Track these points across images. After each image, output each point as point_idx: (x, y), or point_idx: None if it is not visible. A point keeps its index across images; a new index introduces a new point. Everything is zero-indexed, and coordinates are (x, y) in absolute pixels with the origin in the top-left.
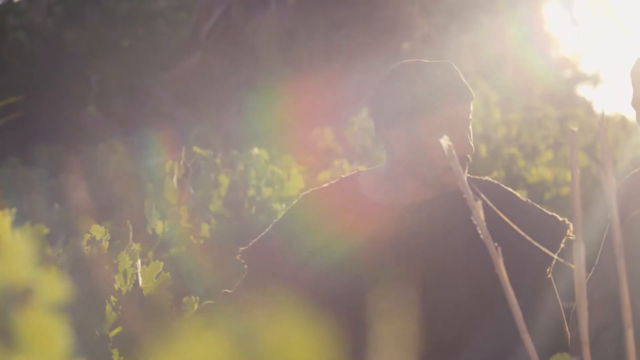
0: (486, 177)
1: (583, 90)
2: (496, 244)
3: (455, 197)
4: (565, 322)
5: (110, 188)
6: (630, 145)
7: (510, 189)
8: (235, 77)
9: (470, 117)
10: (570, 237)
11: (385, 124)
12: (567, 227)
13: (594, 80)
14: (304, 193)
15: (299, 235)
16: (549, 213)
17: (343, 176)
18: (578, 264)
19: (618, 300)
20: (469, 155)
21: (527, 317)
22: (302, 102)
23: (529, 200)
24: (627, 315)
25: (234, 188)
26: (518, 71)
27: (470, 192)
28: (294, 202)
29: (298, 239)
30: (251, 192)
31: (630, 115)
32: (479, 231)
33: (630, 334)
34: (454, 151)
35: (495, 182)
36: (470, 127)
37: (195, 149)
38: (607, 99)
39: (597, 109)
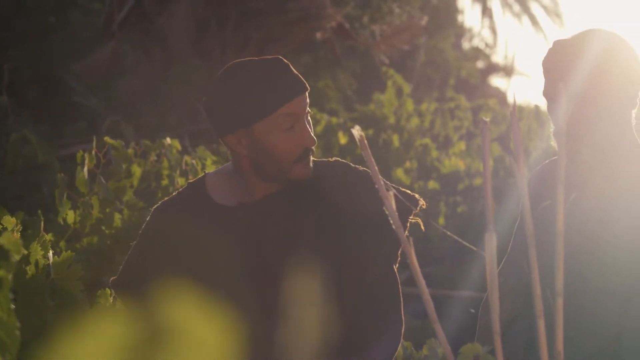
0: (335, 158)
1: (496, 81)
2: (345, 218)
3: (301, 185)
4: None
5: (22, 178)
6: (543, 136)
7: (361, 167)
8: (148, 68)
9: (308, 109)
10: (416, 216)
11: (224, 129)
12: (417, 203)
13: (507, 70)
14: (155, 207)
15: (159, 253)
16: (401, 189)
17: (190, 181)
18: (490, 254)
19: (528, 291)
20: (312, 148)
21: (372, 284)
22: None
23: (380, 177)
24: (539, 306)
25: (146, 178)
26: (431, 62)
27: (382, 183)
28: (147, 218)
29: (158, 256)
30: (164, 182)
31: (543, 105)
32: (391, 221)
33: (541, 325)
34: (365, 141)
35: (344, 161)
36: (309, 118)
37: (107, 139)
38: (520, 90)
39: (510, 99)
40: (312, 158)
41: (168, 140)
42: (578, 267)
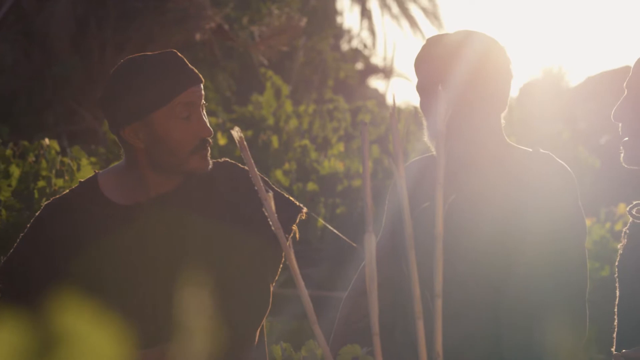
0: (224, 158)
1: (375, 83)
2: (233, 218)
3: (195, 184)
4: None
5: None
6: (421, 137)
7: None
8: (27, 68)
9: (203, 100)
10: (296, 224)
11: (120, 122)
12: (300, 210)
13: (386, 72)
14: (46, 202)
15: (48, 247)
16: (286, 195)
17: (81, 180)
18: (369, 255)
19: (392, 288)
20: (209, 138)
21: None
22: (94, 93)
23: (268, 180)
24: (418, 307)
25: (24, 179)
26: (309, 63)
27: (261, 185)
28: (37, 213)
29: (47, 250)
30: (41, 183)
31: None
32: (271, 223)
33: (420, 325)
34: (245, 143)
35: (232, 161)
36: (204, 110)
37: None
38: (399, 91)
39: (389, 101)
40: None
41: (46, 140)
42: (451, 260)
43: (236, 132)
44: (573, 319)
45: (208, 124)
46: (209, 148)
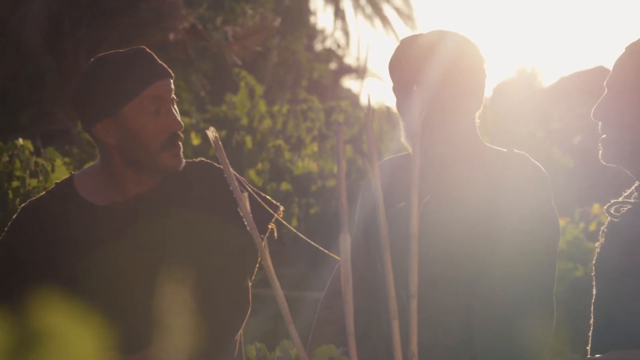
0: (200, 158)
1: (348, 83)
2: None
3: (172, 184)
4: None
5: None
6: (394, 137)
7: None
8: (1, 68)
9: (173, 95)
10: (272, 223)
11: (91, 119)
12: (277, 209)
13: (360, 72)
14: (22, 205)
15: (26, 249)
16: (262, 194)
17: (57, 181)
18: (344, 255)
19: (367, 289)
20: (180, 133)
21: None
22: (68, 93)
23: (243, 180)
24: (393, 307)
25: None
26: (283, 63)
27: (236, 185)
28: (14, 216)
29: (26, 253)
30: (15, 184)
31: (395, 106)
32: (246, 223)
33: (396, 325)
34: (220, 143)
35: (208, 161)
36: (175, 105)
37: None
38: (372, 91)
39: (363, 101)
40: (181, 148)
41: (20, 141)
42: (424, 262)
43: (211, 132)
44: (543, 319)
45: (178, 118)
46: (180, 145)
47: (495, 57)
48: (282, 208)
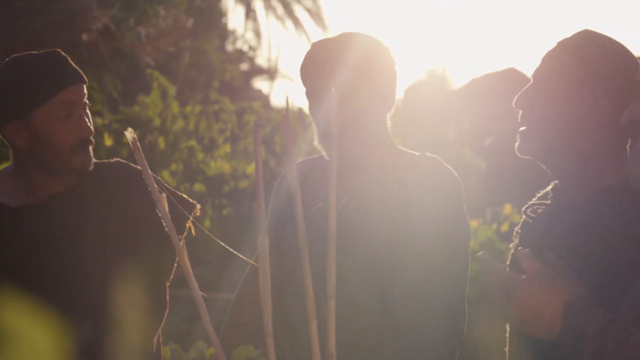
0: (116, 159)
1: (259, 84)
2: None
3: (84, 185)
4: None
5: None
6: (307, 139)
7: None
8: None
9: (86, 100)
10: (193, 219)
11: (1, 120)
12: (194, 208)
13: (271, 73)
14: None
15: None
16: (179, 194)
17: None
18: (262, 257)
19: (275, 290)
20: (91, 138)
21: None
22: None
23: (161, 180)
24: (311, 308)
25: None
26: (195, 64)
27: (154, 184)
28: None
29: None
30: None
31: (307, 107)
32: (164, 224)
33: (313, 326)
34: (138, 144)
35: (124, 161)
36: (87, 110)
37: None
38: (284, 93)
39: (274, 102)
40: (91, 149)
41: None
42: (339, 264)
43: (129, 133)
44: (453, 321)
45: (89, 124)
46: (90, 148)
47: (406, 58)
48: (199, 206)
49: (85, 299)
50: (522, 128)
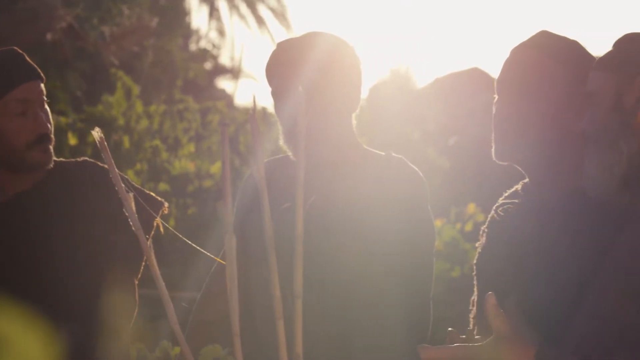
0: (83, 158)
1: (223, 83)
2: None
3: (59, 181)
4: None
5: None
6: (271, 138)
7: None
8: None
9: (44, 97)
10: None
11: None
12: (161, 206)
13: (234, 72)
14: None
15: None
16: (147, 192)
17: None
18: (229, 256)
19: (241, 290)
20: (50, 135)
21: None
22: None
23: (128, 179)
24: (278, 307)
25: None
26: (159, 63)
27: (122, 185)
28: None
29: None
30: None
31: (271, 107)
32: (131, 223)
33: (281, 326)
34: (105, 143)
35: (93, 161)
36: (45, 106)
37: None
38: (247, 92)
39: (238, 101)
40: (51, 147)
41: None
42: (309, 264)
43: (96, 133)
44: (419, 320)
45: (45, 120)
46: (48, 144)
47: (370, 57)
48: (167, 204)
49: (55, 296)
50: (501, 132)
